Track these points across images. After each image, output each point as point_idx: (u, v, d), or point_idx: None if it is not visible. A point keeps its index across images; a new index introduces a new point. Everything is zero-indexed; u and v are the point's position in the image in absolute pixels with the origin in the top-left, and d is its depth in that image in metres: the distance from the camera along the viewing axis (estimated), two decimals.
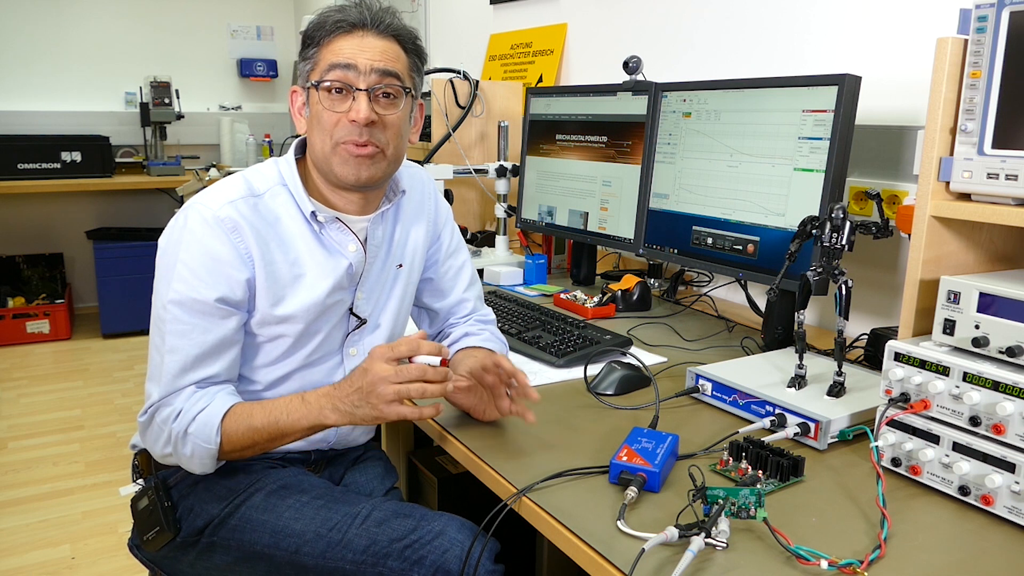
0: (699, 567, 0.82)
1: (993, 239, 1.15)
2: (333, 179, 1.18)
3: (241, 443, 1.11)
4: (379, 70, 1.13)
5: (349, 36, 1.13)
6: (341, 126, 1.13)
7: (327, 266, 1.19)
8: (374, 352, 1.06)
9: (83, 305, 4.78)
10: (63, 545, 2.36)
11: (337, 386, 1.10)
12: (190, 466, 1.13)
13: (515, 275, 2.13)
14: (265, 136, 4.68)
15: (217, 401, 1.11)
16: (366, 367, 1.05)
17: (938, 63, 1.05)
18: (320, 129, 1.15)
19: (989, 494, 0.92)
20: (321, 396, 1.11)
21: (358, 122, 1.12)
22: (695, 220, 1.69)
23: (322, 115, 1.14)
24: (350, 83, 1.12)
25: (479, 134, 2.59)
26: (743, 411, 1.21)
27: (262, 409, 1.12)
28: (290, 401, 1.12)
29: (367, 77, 1.13)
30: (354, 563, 1.09)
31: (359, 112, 1.12)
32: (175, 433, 1.09)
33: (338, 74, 1.12)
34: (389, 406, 1.04)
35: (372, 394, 1.04)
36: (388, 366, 1.04)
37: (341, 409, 1.08)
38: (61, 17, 4.52)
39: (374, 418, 1.07)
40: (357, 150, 1.14)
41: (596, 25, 2.54)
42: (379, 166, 1.17)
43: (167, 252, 1.13)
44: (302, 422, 1.10)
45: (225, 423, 1.10)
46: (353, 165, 1.15)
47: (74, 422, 3.24)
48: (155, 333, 1.14)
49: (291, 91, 1.21)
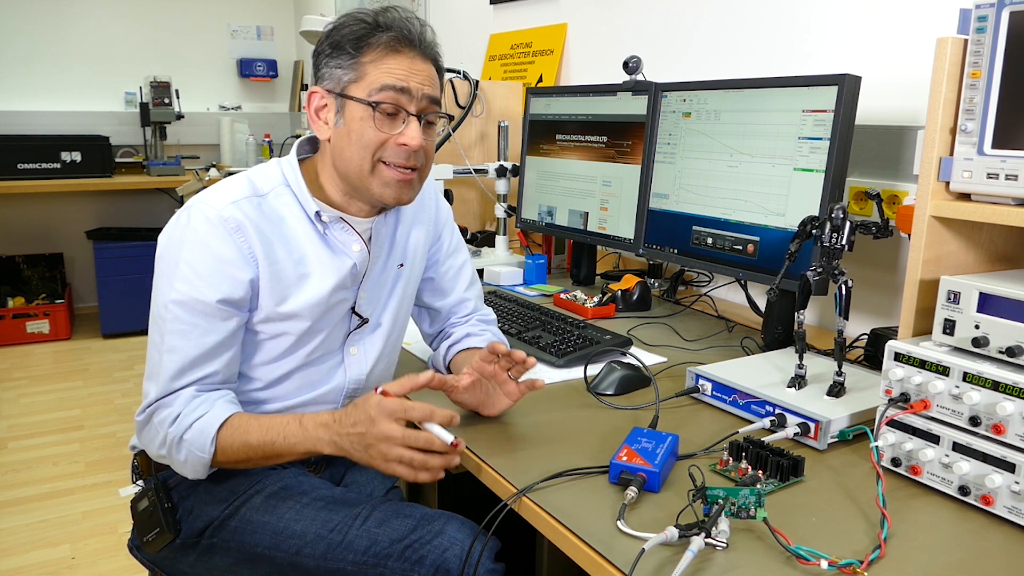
0: (699, 567, 0.82)
1: (993, 239, 1.15)
2: (366, 196, 1.17)
3: (235, 456, 1.10)
4: (428, 96, 1.14)
5: (399, 55, 1.12)
6: (389, 148, 1.13)
7: (331, 265, 1.19)
8: (385, 406, 1.03)
9: (83, 305, 4.79)
10: (63, 545, 2.36)
11: (338, 419, 1.07)
12: (183, 471, 1.12)
13: (515, 275, 2.13)
14: (265, 136, 4.68)
15: (216, 409, 1.10)
16: (374, 417, 1.03)
17: (938, 63, 1.05)
18: (360, 145, 1.13)
19: (989, 494, 0.92)
20: (319, 426, 1.08)
21: (410, 147, 1.12)
22: (695, 220, 1.69)
23: (366, 132, 1.12)
24: (403, 106, 1.12)
25: (479, 134, 2.59)
26: (743, 411, 1.21)
27: (259, 426, 1.10)
28: (288, 424, 1.10)
29: (419, 103, 1.13)
30: (355, 564, 1.09)
31: (413, 139, 1.12)
32: (171, 437, 1.09)
33: (392, 96, 1.11)
34: (387, 464, 1.03)
35: (373, 448, 1.03)
36: (396, 427, 1.02)
37: (338, 444, 1.06)
38: (61, 17, 4.52)
39: (368, 465, 1.05)
40: (401, 175, 1.14)
41: (596, 25, 2.54)
42: (416, 188, 1.19)
43: (169, 250, 1.13)
44: (298, 447, 1.09)
45: (221, 434, 1.09)
46: (395, 188, 1.15)
47: (74, 422, 3.24)
48: (154, 331, 1.13)
49: (311, 91, 1.18)
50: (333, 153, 1.17)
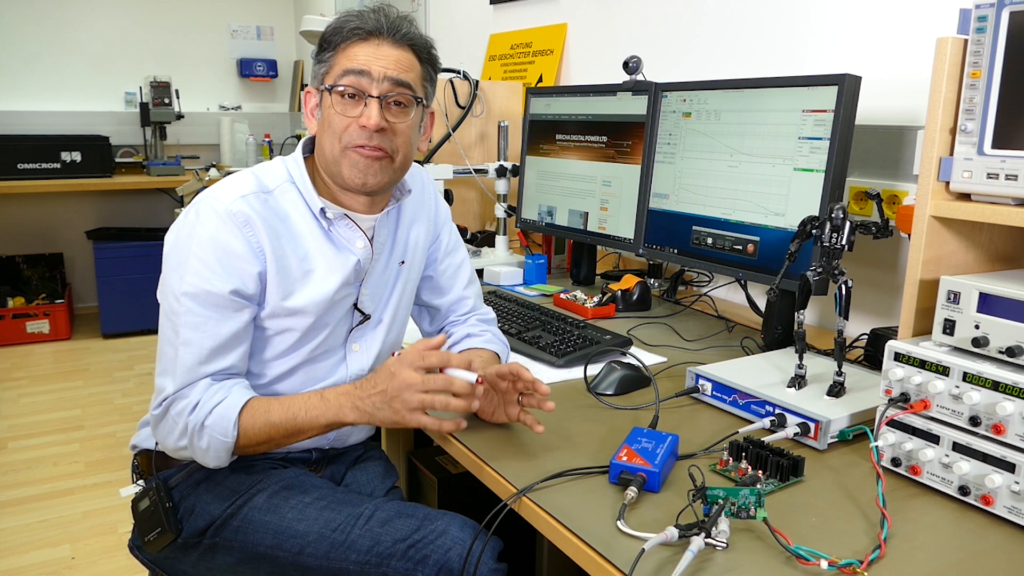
0: (699, 567, 0.82)
1: (993, 239, 1.15)
2: (340, 182, 1.19)
3: (257, 438, 1.11)
4: (392, 79, 1.15)
5: (365, 43, 1.15)
6: (351, 130, 1.15)
7: (336, 262, 1.20)
8: (404, 357, 1.06)
9: (83, 305, 4.79)
10: (63, 545, 2.36)
11: (359, 385, 1.10)
12: (204, 459, 1.12)
13: (515, 275, 2.13)
14: (265, 136, 4.68)
15: (234, 394, 1.11)
16: (393, 371, 1.05)
17: (938, 63, 1.05)
18: (330, 132, 1.16)
19: (989, 494, 0.92)
20: (341, 394, 1.11)
21: (368, 127, 1.14)
22: (695, 220, 1.69)
23: (333, 118, 1.15)
24: (363, 89, 1.14)
25: (479, 134, 2.60)
26: (743, 411, 1.21)
27: (280, 405, 1.12)
28: (308, 398, 1.12)
29: (380, 84, 1.14)
30: (358, 563, 1.09)
31: (369, 118, 1.13)
32: (192, 425, 1.09)
33: (351, 80, 1.14)
34: (412, 414, 1.05)
35: (396, 399, 1.05)
36: (416, 374, 1.04)
37: (361, 408, 1.09)
38: (61, 17, 4.52)
39: (394, 422, 1.07)
40: (366, 152, 1.15)
41: (596, 25, 2.54)
42: (386, 172, 1.18)
43: (178, 246, 1.14)
44: (320, 419, 1.11)
45: (243, 417, 1.10)
46: (361, 169, 1.16)
47: (74, 422, 3.24)
48: (167, 327, 1.14)
49: (305, 92, 1.22)
50: (317, 146, 1.21)
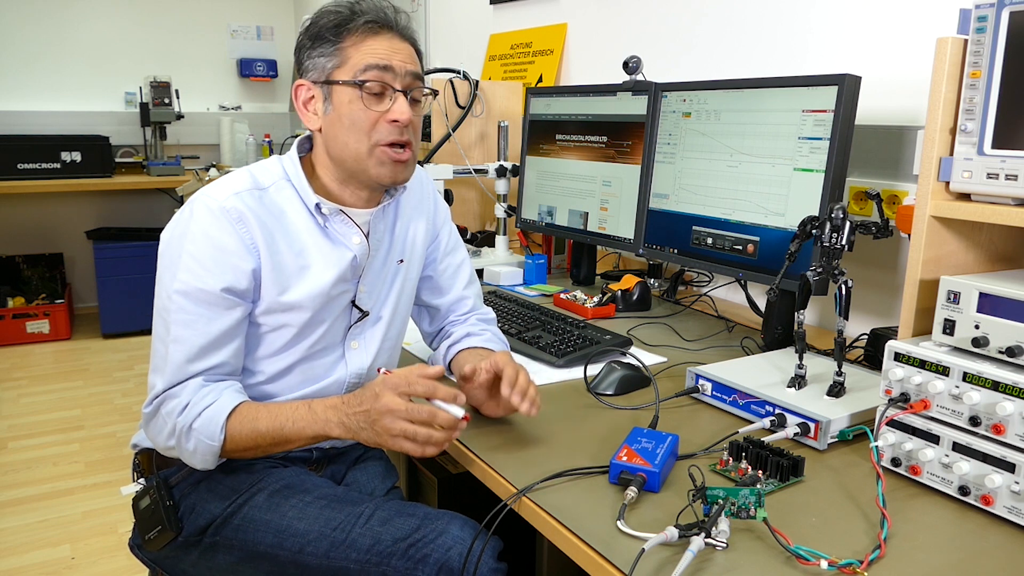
0: (699, 567, 0.82)
1: (993, 239, 1.15)
2: (365, 179, 1.19)
3: (244, 444, 1.11)
4: (411, 73, 1.17)
5: (378, 37, 1.15)
6: (381, 127, 1.15)
7: (332, 257, 1.20)
8: (389, 379, 1.05)
9: (83, 305, 4.78)
10: (63, 545, 2.36)
11: (345, 400, 1.09)
12: (192, 461, 1.12)
13: (515, 275, 2.13)
14: (265, 136, 4.68)
15: (224, 398, 1.11)
16: (378, 392, 1.04)
17: (938, 63, 1.05)
18: (355, 129, 1.15)
19: (989, 494, 0.92)
20: (328, 408, 1.10)
21: (400, 122, 1.15)
22: (695, 220, 1.69)
23: (358, 115, 1.14)
24: (388, 83, 1.15)
25: (479, 134, 2.59)
26: (743, 411, 1.21)
27: (268, 413, 1.11)
28: (296, 408, 1.12)
29: (403, 79, 1.16)
30: (358, 562, 1.09)
31: (403, 114, 1.14)
32: (180, 427, 1.09)
33: (375, 74, 1.14)
34: (393, 439, 1.04)
35: (378, 423, 1.04)
36: (400, 400, 1.03)
37: (347, 425, 1.08)
38: (61, 17, 4.52)
39: (376, 443, 1.06)
40: (396, 153, 1.16)
41: (596, 25, 2.54)
42: (412, 166, 1.21)
43: (172, 243, 1.14)
44: (306, 431, 1.10)
45: (230, 422, 1.10)
46: (391, 167, 1.17)
47: (74, 422, 3.24)
48: (159, 324, 1.14)
49: (297, 85, 1.19)
50: (326, 140, 1.19)
